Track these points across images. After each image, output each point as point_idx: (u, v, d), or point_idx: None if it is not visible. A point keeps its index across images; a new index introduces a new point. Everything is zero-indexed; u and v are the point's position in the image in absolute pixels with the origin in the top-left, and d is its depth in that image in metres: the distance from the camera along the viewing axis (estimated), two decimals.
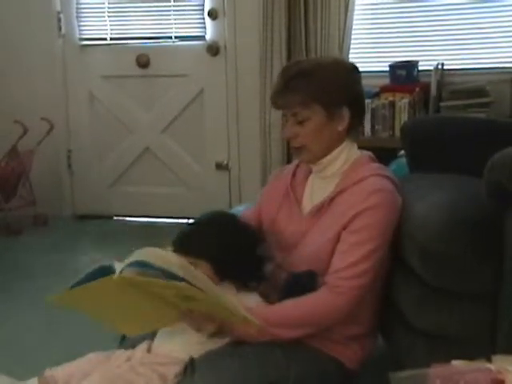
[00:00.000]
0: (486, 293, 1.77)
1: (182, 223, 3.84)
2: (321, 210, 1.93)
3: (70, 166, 4.74)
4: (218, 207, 4.26)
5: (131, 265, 1.58)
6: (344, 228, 1.85)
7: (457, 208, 1.82)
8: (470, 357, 1.37)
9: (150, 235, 4.27)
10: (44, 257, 3.98)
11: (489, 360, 1.35)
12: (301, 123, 1.91)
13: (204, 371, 1.77)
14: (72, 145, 4.72)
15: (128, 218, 4.67)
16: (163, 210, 4.60)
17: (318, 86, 1.89)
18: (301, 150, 1.95)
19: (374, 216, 1.83)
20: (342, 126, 1.93)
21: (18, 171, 4.43)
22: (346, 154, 1.96)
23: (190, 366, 1.81)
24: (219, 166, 4.50)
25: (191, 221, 2.03)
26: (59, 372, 1.92)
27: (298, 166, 2.10)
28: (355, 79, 1.99)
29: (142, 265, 1.57)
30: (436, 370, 1.33)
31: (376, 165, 1.99)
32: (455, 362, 1.37)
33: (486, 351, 1.41)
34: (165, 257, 1.61)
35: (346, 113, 1.92)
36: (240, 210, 3.78)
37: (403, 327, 1.92)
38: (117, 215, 4.73)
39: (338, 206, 1.90)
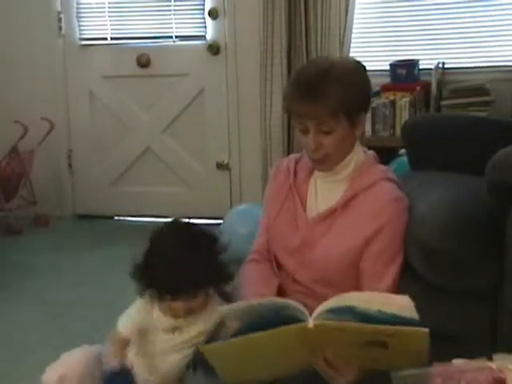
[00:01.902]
0: (487, 291, 1.76)
1: None
2: (333, 215, 1.86)
3: (70, 165, 4.74)
4: (218, 206, 4.33)
5: (329, 312, 1.46)
6: (365, 243, 1.80)
7: (458, 206, 1.82)
8: (471, 356, 1.37)
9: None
10: (45, 257, 3.98)
11: (490, 359, 1.36)
12: (326, 133, 1.79)
13: (206, 368, 1.76)
14: (72, 145, 4.72)
15: (129, 218, 4.67)
16: (164, 209, 4.57)
17: (348, 94, 1.76)
18: (322, 161, 1.84)
19: (395, 229, 1.81)
20: (359, 131, 1.86)
21: (18, 171, 4.43)
22: (357, 157, 1.89)
23: (193, 364, 1.80)
24: (220, 166, 4.50)
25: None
26: (51, 374, 1.84)
27: (297, 163, 2.00)
28: (369, 81, 1.89)
29: (336, 311, 1.46)
30: (437, 369, 1.33)
31: (382, 167, 1.94)
32: (456, 361, 1.37)
33: (487, 350, 1.41)
34: (383, 299, 1.48)
35: (363, 118, 1.86)
36: (241, 209, 3.81)
37: None
38: (118, 215, 4.73)
39: (353, 213, 1.84)
